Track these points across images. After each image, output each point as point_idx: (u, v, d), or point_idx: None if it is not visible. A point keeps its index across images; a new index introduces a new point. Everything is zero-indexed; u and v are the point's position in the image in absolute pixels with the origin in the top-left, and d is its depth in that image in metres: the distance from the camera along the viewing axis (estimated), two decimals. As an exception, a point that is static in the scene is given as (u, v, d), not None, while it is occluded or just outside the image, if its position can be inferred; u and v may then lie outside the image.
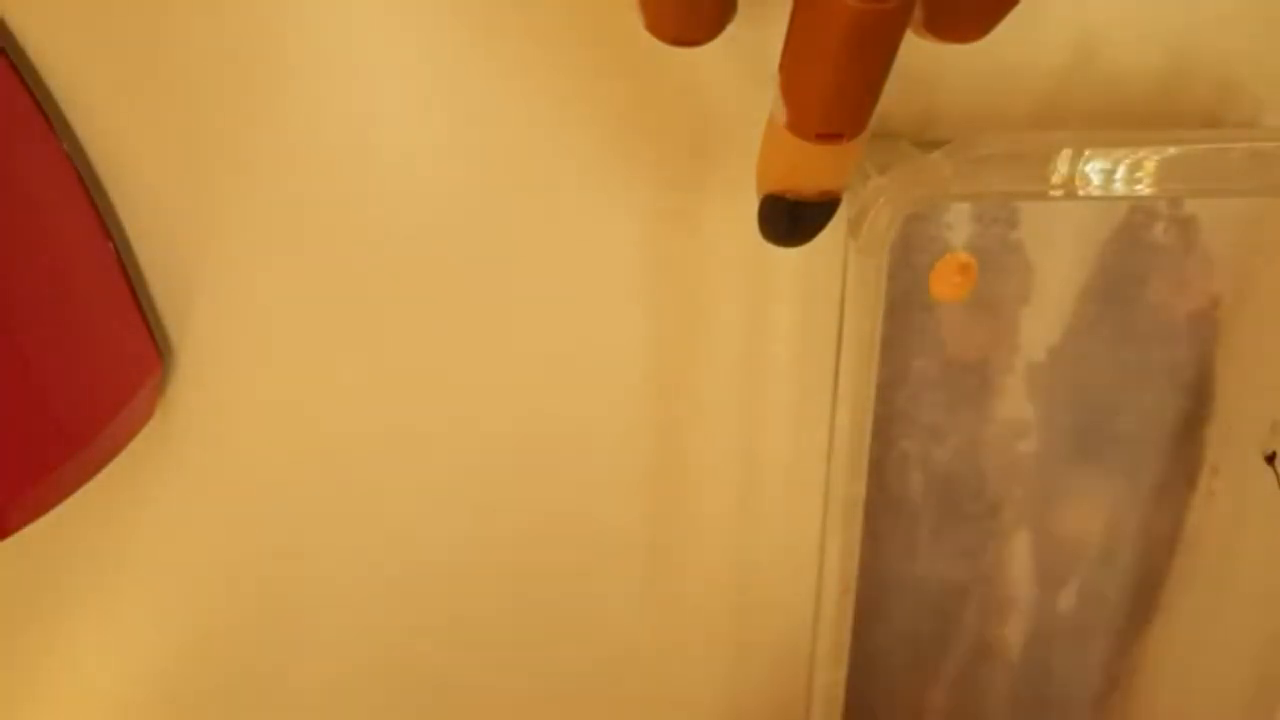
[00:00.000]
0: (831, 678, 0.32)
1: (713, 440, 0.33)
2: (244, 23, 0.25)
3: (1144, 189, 0.24)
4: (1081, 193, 0.24)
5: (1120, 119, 0.27)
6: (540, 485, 0.33)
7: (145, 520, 0.33)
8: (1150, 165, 0.23)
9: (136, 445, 0.29)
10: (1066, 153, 0.23)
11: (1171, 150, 0.23)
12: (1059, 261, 0.29)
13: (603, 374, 0.31)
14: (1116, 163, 0.23)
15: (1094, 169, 0.23)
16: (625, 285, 0.30)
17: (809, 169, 0.21)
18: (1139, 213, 0.28)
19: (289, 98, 0.26)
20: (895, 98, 0.27)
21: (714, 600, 0.36)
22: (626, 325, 0.31)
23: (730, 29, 0.21)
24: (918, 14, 0.20)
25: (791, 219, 0.22)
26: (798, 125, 0.20)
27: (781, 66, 0.19)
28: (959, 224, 0.28)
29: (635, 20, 0.21)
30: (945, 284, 0.29)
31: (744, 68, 0.26)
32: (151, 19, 0.25)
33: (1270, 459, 0.31)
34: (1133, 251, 0.29)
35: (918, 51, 0.20)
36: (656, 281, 0.30)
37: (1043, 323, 0.30)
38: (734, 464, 0.33)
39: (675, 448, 0.33)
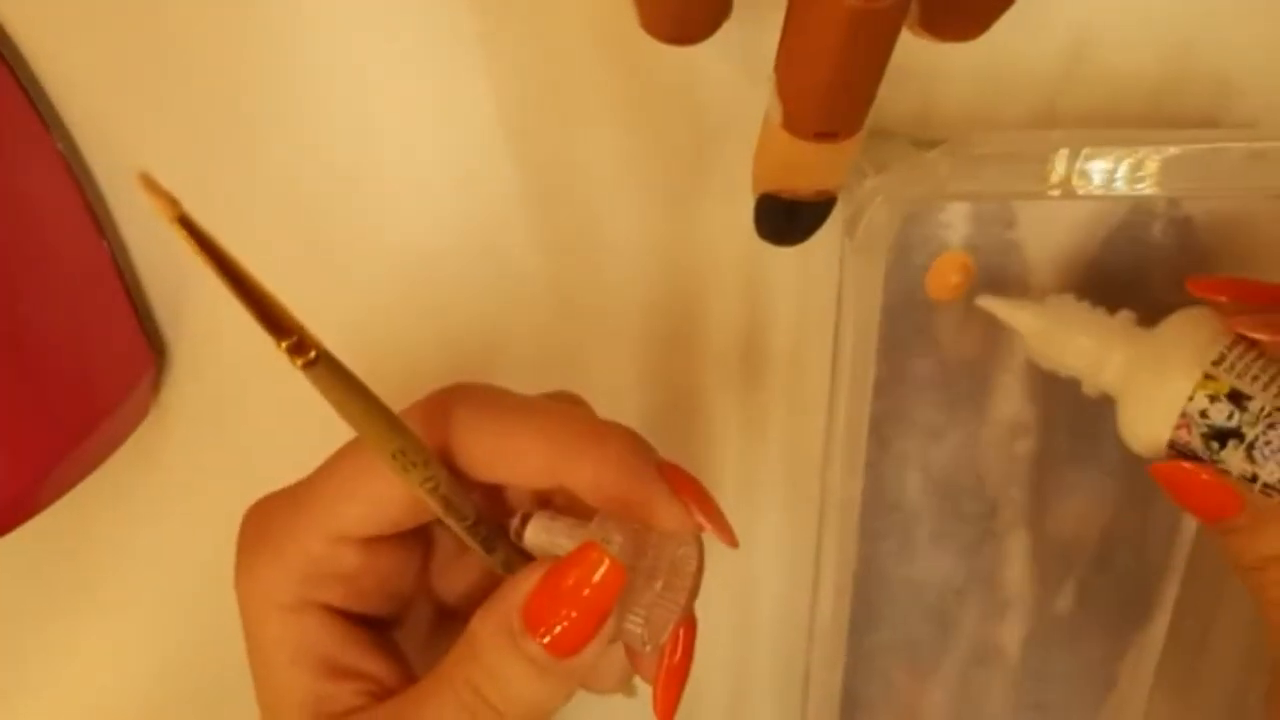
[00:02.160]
0: (828, 678, 0.32)
1: (709, 439, 0.33)
2: (243, 24, 0.25)
3: (1144, 189, 0.24)
4: (1080, 192, 0.24)
5: (1119, 119, 0.27)
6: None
7: (139, 519, 0.33)
8: (1150, 165, 0.23)
9: (131, 444, 0.29)
10: (1064, 152, 0.23)
11: (1171, 150, 0.23)
12: (1057, 261, 0.29)
13: (603, 371, 0.31)
14: (1116, 162, 0.23)
15: (1093, 168, 0.23)
16: (623, 285, 0.30)
17: (805, 168, 0.21)
18: (1137, 212, 0.28)
19: (287, 98, 0.26)
20: (892, 96, 0.26)
21: (712, 601, 0.36)
22: (624, 324, 0.30)
23: (726, 27, 0.21)
24: (914, 12, 0.20)
25: (788, 218, 0.22)
26: (794, 124, 0.20)
27: (778, 65, 0.19)
28: (956, 223, 0.28)
29: (631, 19, 0.21)
30: (943, 283, 0.29)
31: (740, 66, 0.26)
32: (150, 20, 0.25)
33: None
34: (1131, 251, 0.29)
35: (914, 50, 0.20)
36: (654, 281, 0.30)
37: (1041, 323, 0.30)
38: (731, 463, 0.33)
39: (673, 447, 0.33)
